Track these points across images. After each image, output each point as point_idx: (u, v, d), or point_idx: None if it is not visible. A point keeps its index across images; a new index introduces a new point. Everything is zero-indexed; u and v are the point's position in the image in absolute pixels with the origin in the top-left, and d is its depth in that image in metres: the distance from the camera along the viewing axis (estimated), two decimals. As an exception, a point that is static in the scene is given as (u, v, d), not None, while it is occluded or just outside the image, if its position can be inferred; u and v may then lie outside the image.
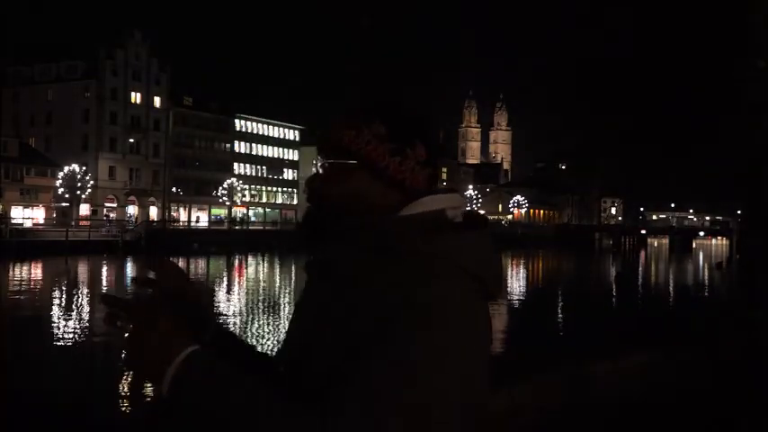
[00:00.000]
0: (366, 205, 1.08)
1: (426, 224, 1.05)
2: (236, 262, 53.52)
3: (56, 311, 25.20)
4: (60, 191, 68.99)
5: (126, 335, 0.99)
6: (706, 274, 55.31)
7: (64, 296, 30.06)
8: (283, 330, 21.17)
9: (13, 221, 60.91)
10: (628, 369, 3.97)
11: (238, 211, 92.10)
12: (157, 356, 0.96)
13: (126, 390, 13.37)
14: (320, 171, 1.13)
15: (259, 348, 1.24)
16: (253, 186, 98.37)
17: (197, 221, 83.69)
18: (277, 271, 48.70)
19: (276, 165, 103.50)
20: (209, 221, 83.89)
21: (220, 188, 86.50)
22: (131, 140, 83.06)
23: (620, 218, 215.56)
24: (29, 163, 72.12)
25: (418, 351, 0.93)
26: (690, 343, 4.77)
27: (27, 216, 67.75)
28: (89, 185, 70.05)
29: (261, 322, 23.56)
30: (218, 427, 0.91)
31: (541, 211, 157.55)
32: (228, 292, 33.70)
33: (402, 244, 1.02)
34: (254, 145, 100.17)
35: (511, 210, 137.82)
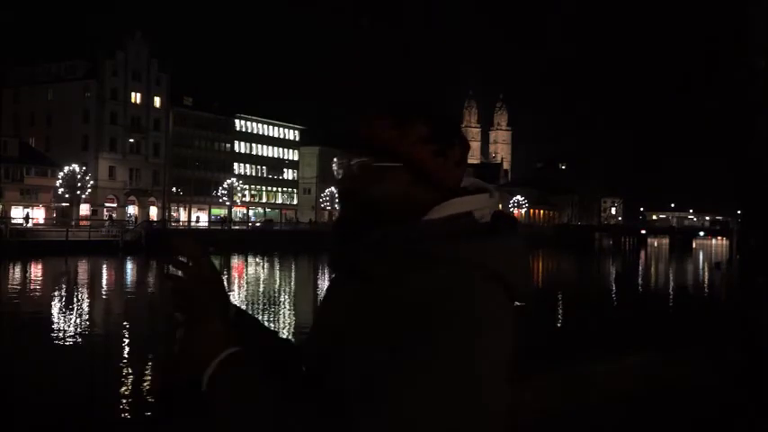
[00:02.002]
0: (406, 207, 1.07)
1: (455, 228, 1.04)
2: (235, 262, 53.51)
3: (56, 311, 25.20)
4: (60, 191, 68.98)
5: (179, 329, 1.04)
6: (706, 274, 55.34)
7: (64, 296, 30.05)
8: (285, 331, 21.16)
9: (12, 221, 60.92)
10: (628, 369, 3.97)
11: (239, 211, 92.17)
12: (204, 352, 1.00)
13: (124, 390, 13.38)
14: (356, 171, 1.08)
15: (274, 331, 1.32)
16: (253, 186, 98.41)
17: (197, 221, 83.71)
18: (276, 271, 48.68)
19: (276, 165, 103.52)
20: (209, 221, 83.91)
21: (220, 188, 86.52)
22: (131, 140, 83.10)
23: (620, 218, 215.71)
24: (29, 163, 72.14)
25: (446, 357, 0.93)
26: (690, 343, 4.78)
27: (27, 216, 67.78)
28: (89, 185, 70.04)
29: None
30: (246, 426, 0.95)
31: (541, 211, 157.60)
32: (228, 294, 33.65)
33: (431, 249, 1.01)
34: (254, 145, 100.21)
35: (511, 210, 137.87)
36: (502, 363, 0.99)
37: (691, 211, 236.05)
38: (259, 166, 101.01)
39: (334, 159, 1.12)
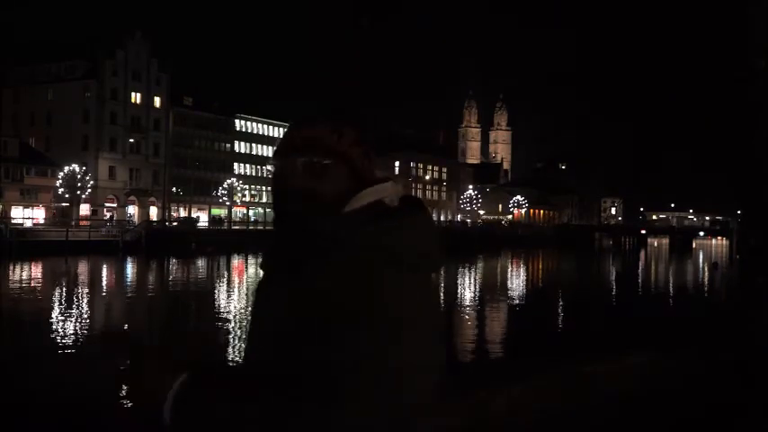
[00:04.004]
0: (339, 199, 1.21)
1: (367, 216, 1.17)
2: (234, 262, 53.46)
3: (56, 311, 25.19)
4: (60, 191, 68.96)
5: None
6: (705, 274, 55.39)
7: (64, 296, 30.05)
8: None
9: (13, 221, 60.87)
10: (628, 369, 3.97)
11: (239, 211, 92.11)
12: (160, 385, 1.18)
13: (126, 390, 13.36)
14: (300, 169, 1.21)
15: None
16: (253, 186, 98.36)
17: (197, 221, 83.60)
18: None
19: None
20: (209, 221, 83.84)
21: (220, 188, 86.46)
22: (131, 140, 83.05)
23: (620, 218, 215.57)
24: (29, 163, 72.09)
25: (376, 341, 1.06)
26: (689, 343, 4.78)
27: (27, 216, 67.74)
28: (89, 185, 70.01)
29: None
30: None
31: (541, 211, 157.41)
32: (228, 294, 33.69)
33: (347, 239, 1.14)
34: (254, 145, 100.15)
35: (511, 210, 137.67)
36: (423, 337, 1.11)
37: (691, 211, 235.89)
38: (259, 166, 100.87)
39: (271, 160, 1.26)
